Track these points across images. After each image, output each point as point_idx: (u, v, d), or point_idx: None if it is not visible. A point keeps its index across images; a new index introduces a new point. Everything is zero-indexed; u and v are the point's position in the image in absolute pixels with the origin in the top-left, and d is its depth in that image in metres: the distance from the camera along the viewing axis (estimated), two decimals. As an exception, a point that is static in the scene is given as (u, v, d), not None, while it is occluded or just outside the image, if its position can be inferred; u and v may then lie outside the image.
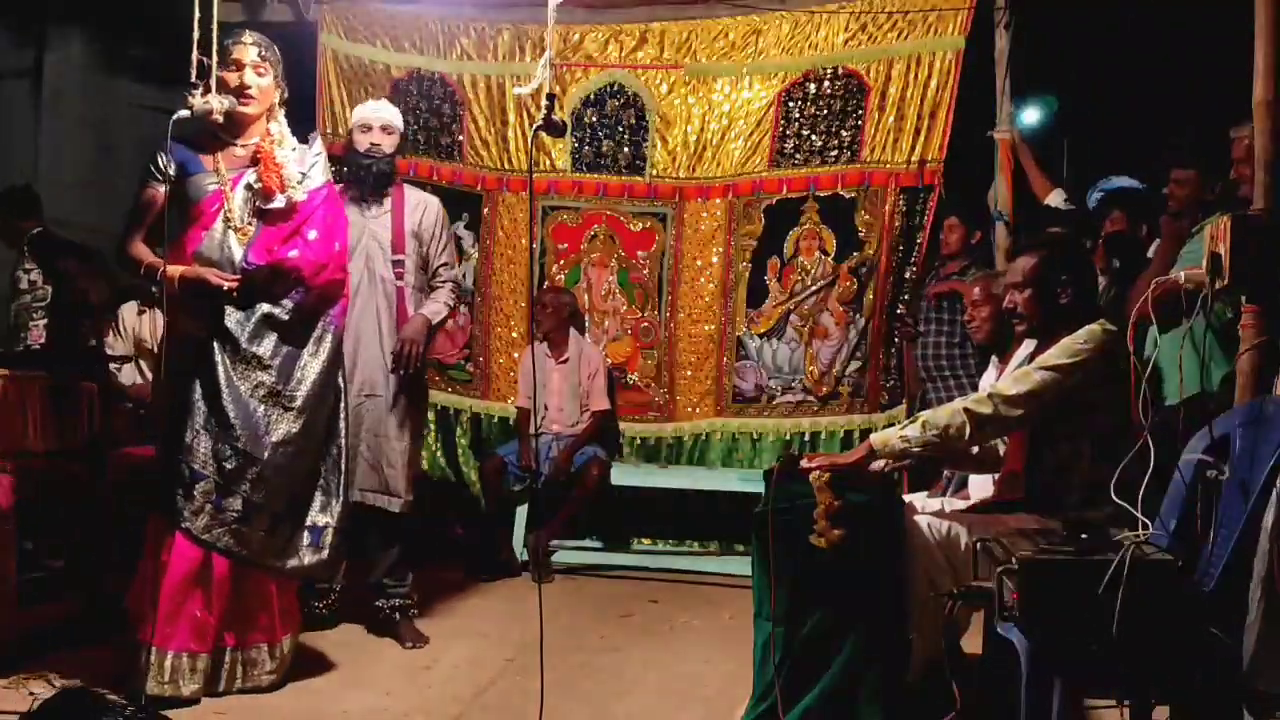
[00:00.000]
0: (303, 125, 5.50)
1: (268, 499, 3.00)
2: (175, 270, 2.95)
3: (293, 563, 3.08)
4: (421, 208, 3.82)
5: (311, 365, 3.09)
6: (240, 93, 3.02)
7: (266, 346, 3.01)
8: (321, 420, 3.12)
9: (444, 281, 3.85)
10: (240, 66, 3.03)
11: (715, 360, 5.31)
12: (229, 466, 2.95)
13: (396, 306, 3.72)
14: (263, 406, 2.99)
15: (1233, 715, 2.12)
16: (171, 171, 2.99)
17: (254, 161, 3.05)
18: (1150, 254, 4.13)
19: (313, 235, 3.06)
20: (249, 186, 3.04)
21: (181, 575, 2.92)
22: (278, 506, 3.03)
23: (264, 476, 2.99)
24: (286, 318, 3.04)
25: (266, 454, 2.99)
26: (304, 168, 3.10)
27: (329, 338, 3.13)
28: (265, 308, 3.01)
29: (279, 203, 3.03)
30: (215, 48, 2.94)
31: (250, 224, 3.03)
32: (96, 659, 3.19)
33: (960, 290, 4.59)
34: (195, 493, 2.93)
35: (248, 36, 3.06)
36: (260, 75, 3.06)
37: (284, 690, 3.14)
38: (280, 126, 3.13)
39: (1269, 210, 2.67)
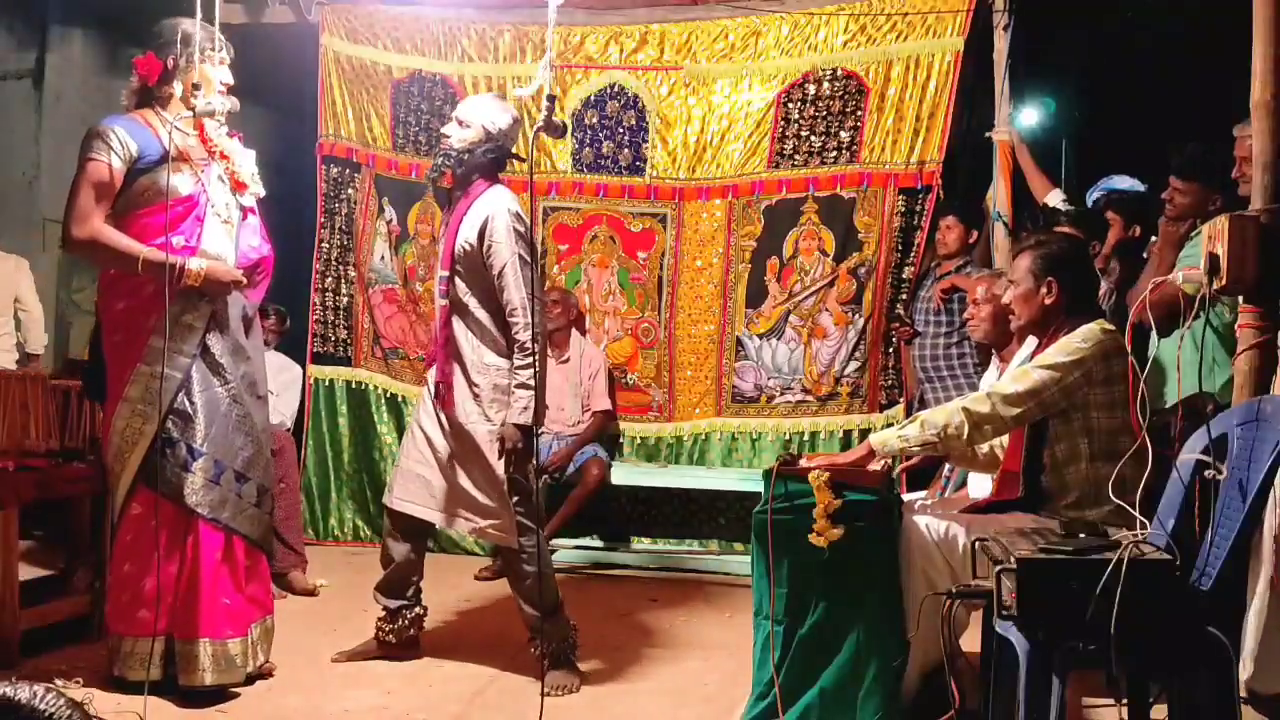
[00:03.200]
0: (304, 127, 5.58)
1: (268, 483, 3.21)
2: (200, 266, 2.95)
3: (271, 538, 3.33)
4: (477, 216, 3.23)
5: (260, 355, 3.28)
6: (222, 90, 3.07)
7: (243, 339, 3.15)
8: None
9: (515, 335, 3.21)
10: (224, 64, 3.09)
11: (715, 360, 5.31)
12: (246, 454, 3.10)
13: (441, 327, 3.31)
14: (248, 395, 3.14)
15: (1230, 714, 2.13)
16: (135, 153, 2.95)
17: (209, 153, 3.09)
18: (1145, 254, 4.14)
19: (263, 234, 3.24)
20: (221, 179, 3.09)
21: (214, 564, 3.03)
22: (272, 489, 3.25)
23: (266, 462, 3.19)
24: (252, 313, 3.20)
25: (264, 441, 3.18)
26: (254, 169, 3.21)
27: (259, 329, 3.31)
28: (241, 301, 3.13)
29: (250, 200, 3.16)
30: (213, 47, 2.98)
31: (230, 220, 3.10)
32: (97, 659, 3.20)
33: (963, 285, 4.60)
34: (220, 482, 3.04)
35: (220, 32, 3.07)
36: (230, 74, 3.12)
37: (285, 689, 3.15)
38: (214, 124, 3.13)
39: (1268, 210, 2.68)
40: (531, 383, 3.18)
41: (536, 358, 3.19)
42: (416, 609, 3.47)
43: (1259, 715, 2.69)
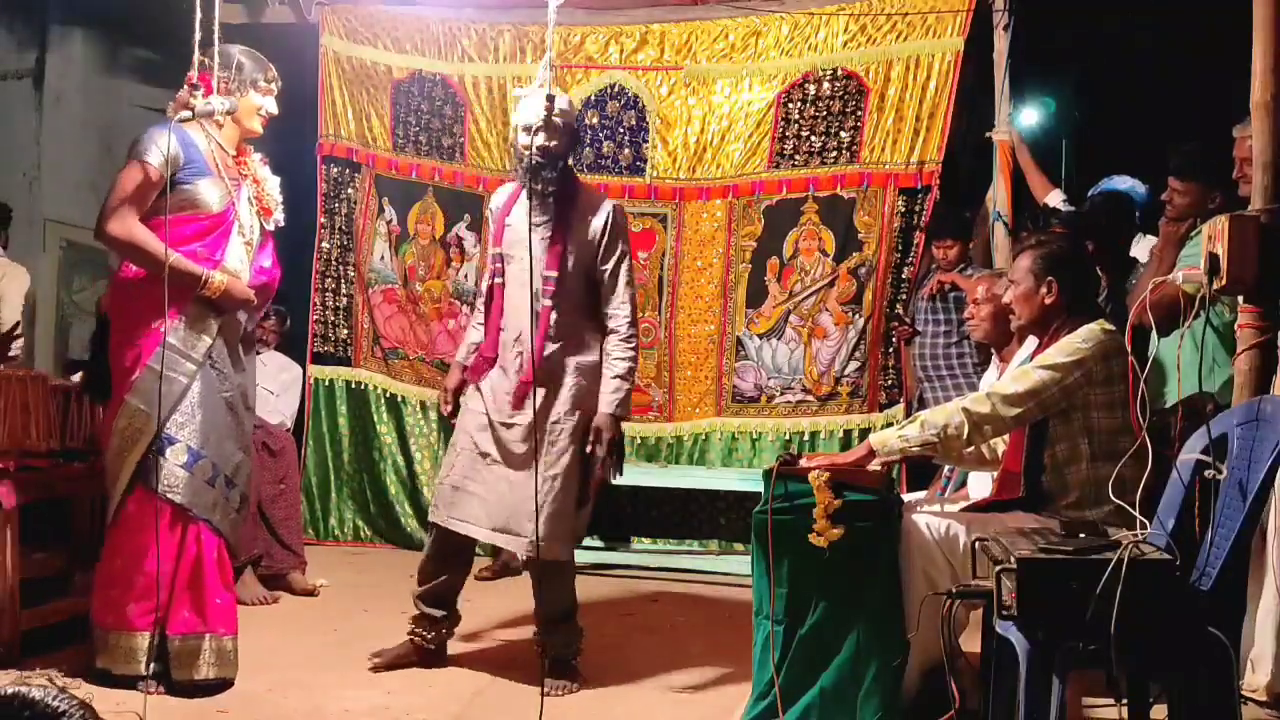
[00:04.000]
0: (304, 127, 5.58)
1: (249, 491, 3.28)
2: (221, 280, 3.05)
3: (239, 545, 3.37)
4: (590, 214, 3.24)
5: (253, 367, 3.38)
6: (265, 117, 3.21)
7: (241, 354, 3.24)
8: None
9: (617, 327, 3.24)
10: (270, 94, 3.22)
11: (715, 360, 5.31)
12: (235, 461, 3.17)
13: (538, 328, 3.20)
14: (240, 406, 3.22)
15: (1230, 714, 2.13)
16: (180, 162, 3.04)
17: (242, 176, 3.21)
18: (1133, 253, 4.14)
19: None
20: (250, 201, 3.20)
21: (213, 562, 3.11)
22: (250, 496, 3.32)
23: (250, 472, 3.26)
24: (250, 327, 3.30)
25: (249, 448, 3.27)
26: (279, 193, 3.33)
27: (252, 342, 3.41)
28: (243, 318, 3.22)
29: (271, 225, 3.26)
30: (216, 49, 3.00)
31: (252, 241, 3.20)
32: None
33: (961, 285, 4.59)
34: (215, 485, 3.10)
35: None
36: (276, 105, 3.25)
37: (285, 689, 3.15)
38: (252, 152, 3.29)
39: (1268, 210, 2.68)
40: (630, 376, 3.24)
41: (637, 351, 3.27)
42: (454, 619, 3.43)
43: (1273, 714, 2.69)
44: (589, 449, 3.18)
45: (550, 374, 3.22)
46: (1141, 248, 4.22)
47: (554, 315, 3.23)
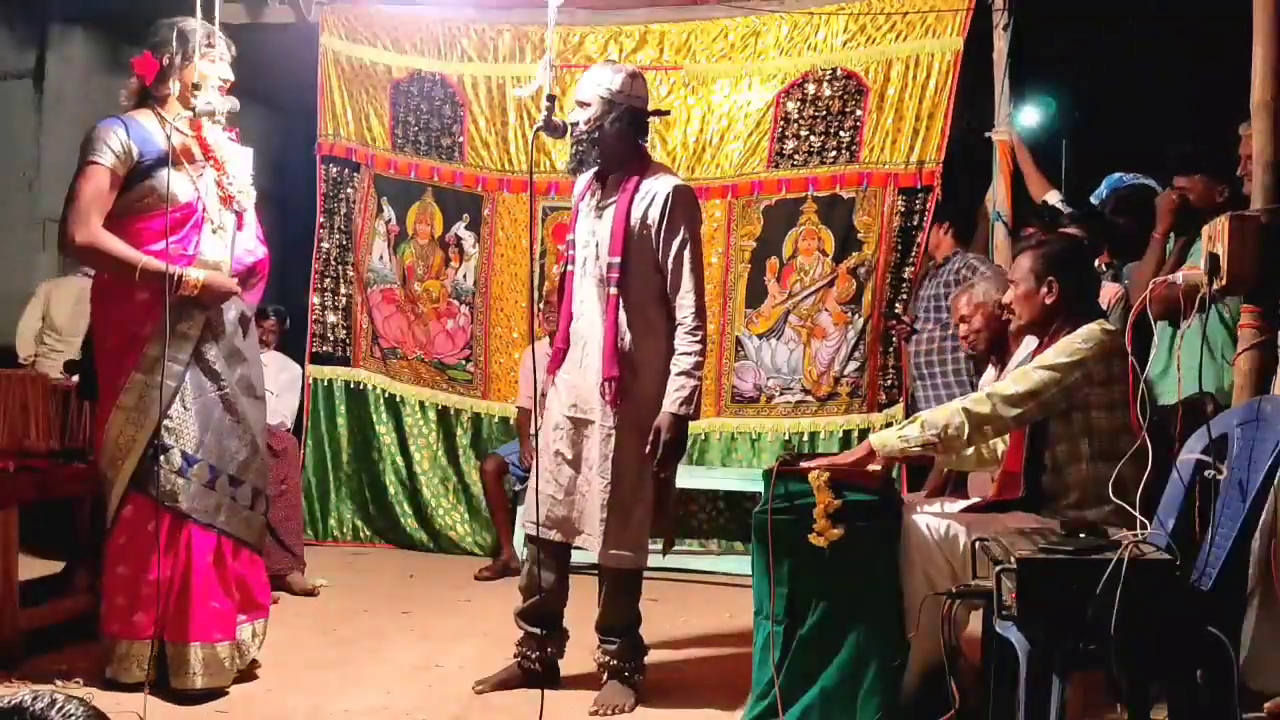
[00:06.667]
0: (304, 127, 5.58)
1: (263, 485, 3.20)
2: (198, 277, 2.93)
3: (264, 540, 3.33)
4: (649, 196, 3.05)
5: (257, 355, 3.28)
6: (222, 86, 3.04)
7: (240, 342, 3.14)
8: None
9: (683, 319, 3.04)
10: (222, 60, 3.03)
11: (714, 361, 5.30)
12: (240, 459, 3.10)
13: (607, 318, 3.06)
14: (245, 398, 3.14)
15: (1230, 714, 2.13)
16: (136, 155, 2.93)
17: (206, 157, 3.05)
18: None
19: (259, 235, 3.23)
20: (218, 184, 3.06)
21: (206, 567, 3.03)
22: (266, 490, 3.23)
23: (260, 465, 3.18)
24: (250, 314, 3.20)
25: (259, 443, 3.17)
26: (250, 168, 3.18)
27: (254, 330, 3.30)
28: (240, 305, 3.13)
29: (241, 206, 3.12)
30: (209, 43, 2.97)
31: (224, 225, 3.07)
32: (97, 659, 3.19)
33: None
34: (215, 487, 3.04)
35: (220, 30, 3.01)
36: (230, 71, 3.06)
37: (285, 689, 3.15)
38: (211, 124, 3.07)
39: (1268, 210, 2.68)
40: (697, 371, 3.03)
41: (704, 345, 3.07)
42: (560, 636, 3.29)
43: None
44: (647, 449, 3.01)
45: (619, 369, 3.04)
46: None
47: (621, 304, 3.05)
